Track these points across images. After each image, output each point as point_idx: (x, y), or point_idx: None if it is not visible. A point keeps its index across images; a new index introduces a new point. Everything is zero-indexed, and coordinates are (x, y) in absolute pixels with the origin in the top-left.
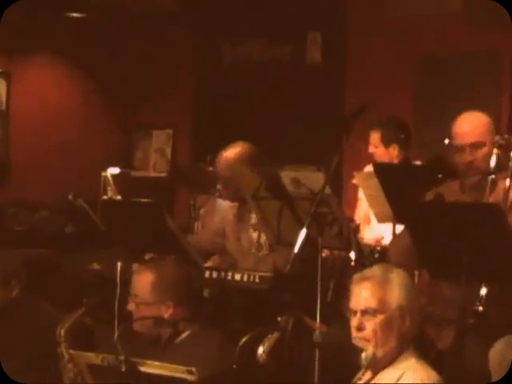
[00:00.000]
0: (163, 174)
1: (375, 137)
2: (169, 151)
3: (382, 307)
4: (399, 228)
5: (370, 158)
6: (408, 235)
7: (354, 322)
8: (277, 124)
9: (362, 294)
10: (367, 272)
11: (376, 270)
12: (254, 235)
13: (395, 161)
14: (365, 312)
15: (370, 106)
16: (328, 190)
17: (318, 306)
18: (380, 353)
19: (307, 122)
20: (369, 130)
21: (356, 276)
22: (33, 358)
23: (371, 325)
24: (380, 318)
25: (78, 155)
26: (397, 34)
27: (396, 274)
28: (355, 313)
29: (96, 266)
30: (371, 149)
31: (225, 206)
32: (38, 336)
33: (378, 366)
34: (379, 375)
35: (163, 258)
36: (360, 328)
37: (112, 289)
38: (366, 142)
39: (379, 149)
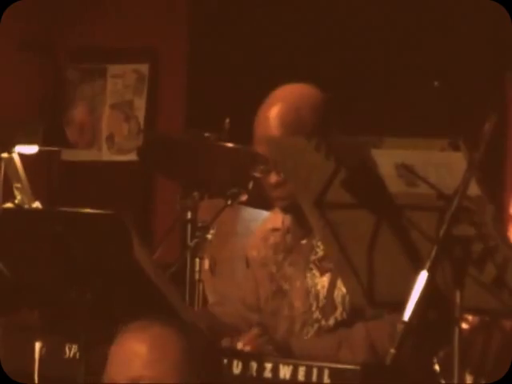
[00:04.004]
0: (129, 157)
1: None
2: (141, 107)
3: None
4: None
5: None
6: None
7: None
8: (358, 56)
9: None
10: None
11: None
12: (321, 282)
13: None
14: None
15: None
16: (475, 190)
17: None
18: None
19: (420, 49)
20: None
21: None
22: None
23: None
24: None
25: None
26: None
27: None
28: None
29: None
30: None
31: (256, 224)
32: None
33: None
34: None
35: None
36: None
37: None
38: None
39: None
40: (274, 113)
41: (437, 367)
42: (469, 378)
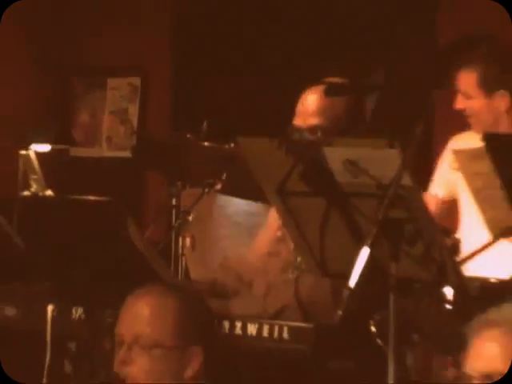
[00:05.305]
0: (125, 153)
1: (470, 79)
2: (134, 113)
3: None
4: None
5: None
6: None
7: None
8: (313, 68)
9: (486, 349)
10: (495, 315)
11: (509, 312)
12: None
13: (504, 122)
14: (488, 378)
15: (477, 36)
16: (407, 181)
17: (392, 375)
18: None
19: (368, 64)
20: (459, 71)
21: (477, 320)
22: None
23: None
24: None
25: None
26: None
27: None
28: (472, 379)
29: (9, 312)
30: (460, 102)
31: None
32: None
33: None
34: None
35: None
36: None
37: (37, 349)
38: (454, 91)
39: (476, 100)
40: (313, 96)
41: (373, 328)
42: (415, 337)
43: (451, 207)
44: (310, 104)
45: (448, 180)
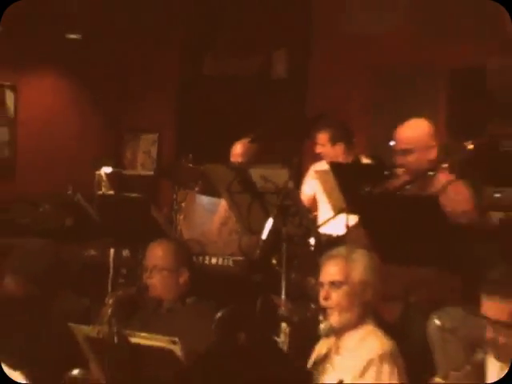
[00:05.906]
0: (150, 173)
1: (324, 137)
2: (155, 152)
3: (346, 280)
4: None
5: (322, 158)
6: (361, 225)
7: (322, 292)
8: (248, 131)
9: (330, 269)
10: (335, 251)
11: (342, 250)
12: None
13: (341, 157)
14: (331, 284)
15: (326, 114)
16: (291, 185)
17: (284, 285)
18: (344, 318)
19: (274, 128)
20: (317, 132)
21: (325, 254)
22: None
23: (336, 295)
24: (344, 289)
25: (76, 156)
26: (353, 51)
27: (360, 253)
28: (323, 285)
29: (92, 252)
30: (319, 148)
31: (206, 199)
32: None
33: (342, 330)
34: (343, 337)
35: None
36: (326, 297)
37: (104, 271)
38: (314, 142)
39: (326, 147)
40: (239, 145)
41: (274, 261)
42: (296, 264)
43: (315, 199)
44: (238, 150)
45: (312, 185)
